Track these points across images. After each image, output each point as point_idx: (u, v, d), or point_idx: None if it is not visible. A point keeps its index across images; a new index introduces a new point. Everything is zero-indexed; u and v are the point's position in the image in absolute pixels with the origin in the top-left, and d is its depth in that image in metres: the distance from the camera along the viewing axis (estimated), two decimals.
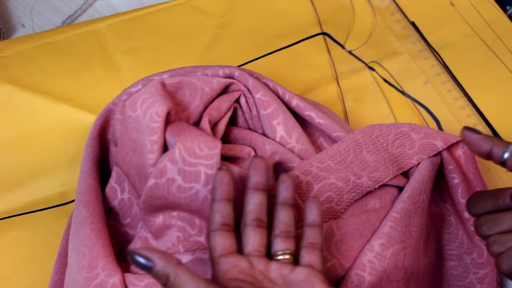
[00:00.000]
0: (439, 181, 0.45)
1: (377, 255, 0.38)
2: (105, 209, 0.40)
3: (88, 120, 0.48)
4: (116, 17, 0.54)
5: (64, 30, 0.53)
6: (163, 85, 0.38)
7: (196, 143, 0.36)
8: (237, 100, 0.43)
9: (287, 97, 0.43)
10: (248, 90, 0.42)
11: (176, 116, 0.38)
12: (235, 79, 0.42)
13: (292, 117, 0.42)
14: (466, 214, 0.43)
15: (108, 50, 0.53)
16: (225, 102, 0.41)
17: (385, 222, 0.39)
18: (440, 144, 0.43)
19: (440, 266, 0.44)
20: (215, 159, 0.36)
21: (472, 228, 0.43)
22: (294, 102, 0.43)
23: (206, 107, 0.41)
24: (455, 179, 0.43)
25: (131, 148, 0.37)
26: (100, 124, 0.42)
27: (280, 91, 0.43)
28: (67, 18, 0.56)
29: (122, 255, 0.40)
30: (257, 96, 0.41)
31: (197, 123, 0.41)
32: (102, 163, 0.43)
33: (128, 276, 0.36)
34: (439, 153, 0.43)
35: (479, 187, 0.44)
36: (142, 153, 0.36)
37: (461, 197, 0.43)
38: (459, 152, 0.44)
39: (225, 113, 0.42)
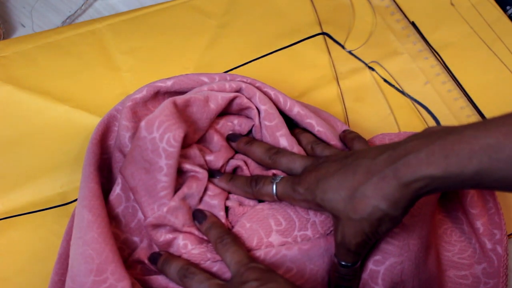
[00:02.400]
0: (450, 191, 0.45)
1: (370, 272, 0.39)
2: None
3: (88, 121, 0.48)
4: (116, 17, 0.54)
5: (64, 30, 0.53)
6: (175, 104, 0.39)
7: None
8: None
9: (288, 104, 0.44)
10: (253, 102, 0.43)
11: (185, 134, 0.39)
12: (241, 93, 0.42)
13: (291, 135, 0.43)
14: (478, 224, 0.43)
15: (108, 50, 0.53)
16: (244, 129, 0.44)
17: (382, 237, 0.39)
18: None
19: (444, 277, 0.43)
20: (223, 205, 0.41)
21: (483, 239, 0.43)
22: (295, 110, 0.43)
23: (211, 122, 0.42)
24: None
25: (144, 167, 0.38)
26: (101, 130, 0.43)
27: (281, 99, 0.44)
28: (67, 18, 0.56)
29: (127, 262, 0.40)
30: (263, 107, 0.42)
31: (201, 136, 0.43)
32: (101, 166, 0.43)
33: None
34: None
35: (488, 195, 0.44)
36: (155, 174, 0.38)
37: (469, 206, 0.43)
38: None
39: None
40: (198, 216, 0.40)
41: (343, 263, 0.37)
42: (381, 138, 0.46)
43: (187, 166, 0.39)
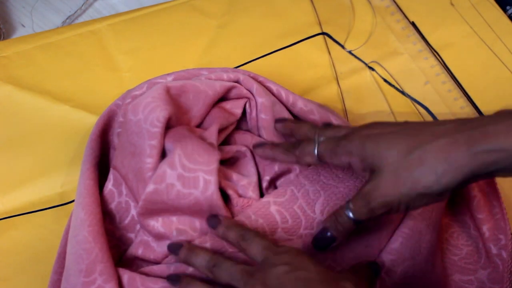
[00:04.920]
0: (457, 195, 0.45)
1: (387, 271, 0.38)
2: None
3: (88, 121, 0.48)
4: (116, 17, 0.54)
5: (64, 30, 0.53)
6: (167, 89, 0.38)
7: (196, 149, 0.36)
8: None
9: (291, 100, 0.43)
10: (252, 94, 0.42)
11: (177, 120, 0.38)
12: (239, 83, 0.42)
13: None
14: (484, 228, 0.43)
15: (108, 50, 0.53)
16: (236, 109, 0.42)
17: (396, 238, 0.39)
18: None
19: (449, 281, 0.43)
20: (214, 165, 0.36)
21: (489, 244, 0.43)
22: (298, 106, 0.43)
23: (208, 110, 0.41)
24: (471, 192, 0.43)
25: (130, 152, 0.37)
26: (101, 125, 0.42)
27: (283, 94, 0.43)
28: (67, 18, 0.56)
29: (122, 260, 0.40)
30: (260, 100, 0.42)
31: (198, 125, 0.42)
32: (103, 163, 0.43)
33: (143, 279, 0.36)
34: None
35: (494, 200, 0.44)
36: (141, 157, 0.36)
37: (475, 211, 0.43)
38: None
39: (232, 123, 0.42)
40: (211, 221, 0.37)
41: (350, 214, 0.35)
42: None
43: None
